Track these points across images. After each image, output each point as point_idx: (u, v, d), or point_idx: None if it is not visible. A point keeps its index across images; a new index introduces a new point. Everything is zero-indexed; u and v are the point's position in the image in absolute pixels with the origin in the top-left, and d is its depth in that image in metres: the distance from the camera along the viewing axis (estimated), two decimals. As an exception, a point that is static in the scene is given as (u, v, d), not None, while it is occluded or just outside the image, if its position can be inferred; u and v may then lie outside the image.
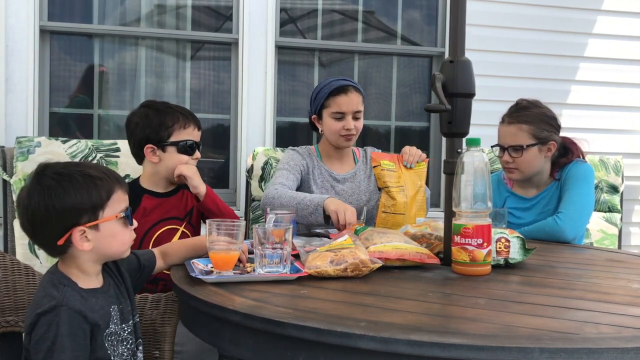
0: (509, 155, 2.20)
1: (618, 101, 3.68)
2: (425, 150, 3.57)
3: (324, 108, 2.22)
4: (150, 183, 1.95)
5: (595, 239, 2.92)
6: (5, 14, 2.84)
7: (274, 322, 1.02)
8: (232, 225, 1.40)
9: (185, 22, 3.23)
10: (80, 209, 1.22)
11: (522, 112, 2.21)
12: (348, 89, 2.19)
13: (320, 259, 1.38)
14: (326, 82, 2.24)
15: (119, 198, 1.28)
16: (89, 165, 1.30)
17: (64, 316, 1.17)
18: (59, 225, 1.21)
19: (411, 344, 0.91)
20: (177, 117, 1.91)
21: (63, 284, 1.23)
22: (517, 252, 1.56)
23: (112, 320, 1.29)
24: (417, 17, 3.55)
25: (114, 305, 1.31)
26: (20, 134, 2.82)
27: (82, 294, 1.24)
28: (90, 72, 3.13)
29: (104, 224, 1.25)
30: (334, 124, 2.20)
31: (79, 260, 1.27)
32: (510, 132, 2.20)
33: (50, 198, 1.20)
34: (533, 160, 2.19)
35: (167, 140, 1.89)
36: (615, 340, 0.93)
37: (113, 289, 1.34)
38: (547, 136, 2.18)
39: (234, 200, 3.18)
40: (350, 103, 2.18)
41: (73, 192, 1.21)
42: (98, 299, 1.27)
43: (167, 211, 1.93)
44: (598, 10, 3.64)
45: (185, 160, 1.91)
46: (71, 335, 1.17)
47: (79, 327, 1.19)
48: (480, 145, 1.49)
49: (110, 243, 1.27)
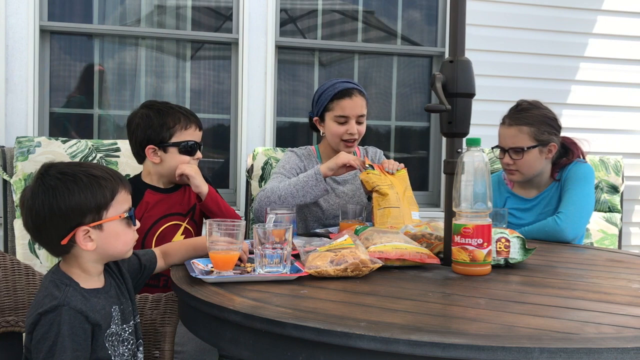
0: (510, 157, 2.19)
1: (618, 101, 3.68)
2: (425, 150, 3.58)
3: (327, 111, 2.19)
4: (151, 180, 1.96)
5: (596, 239, 2.92)
6: (6, 14, 2.84)
7: (274, 322, 1.02)
8: (232, 225, 1.40)
9: (185, 22, 3.23)
10: (84, 209, 1.23)
11: (523, 113, 2.20)
12: (352, 92, 2.15)
13: (320, 259, 1.38)
14: (330, 83, 2.20)
15: (122, 198, 1.29)
16: (93, 165, 1.30)
17: (65, 316, 1.17)
18: (63, 225, 1.22)
19: (411, 344, 0.91)
20: (179, 118, 1.91)
21: (65, 284, 1.23)
22: (517, 252, 1.56)
23: (113, 320, 1.29)
24: (417, 17, 3.55)
25: (115, 305, 1.31)
26: (20, 133, 2.82)
27: (84, 293, 1.24)
28: (90, 72, 3.13)
29: (108, 224, 1.26)
30: (337, 127, 2.17)
31: (82, 260, 1.27)
32: (511, 134, 2.19)
33: (55, 198, 1.21)
34: (534, 162, 2.19)
35: (169, 141, 1.90)
36: (616, 340, 0.93)
37: (114, 289, 1.34)
38: (548, 138, 2.18)
39: (234, 200, 3.18)
40: (355, 107, 2.15)
41: (77, 192, 1.22)
42: (99, 299, 1.27)
43: (170, 207, 1.94)
44: (598, 10, 3.64)
45: (187, 161, 1.91)
46: (72, 335, 1.17)
47: (80, 327, 1.19)
48: (480, 145, 1.48)
49: (114, 243, 1.28)
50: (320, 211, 2.23)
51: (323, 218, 2.24)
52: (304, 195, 1.98)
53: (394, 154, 3.54)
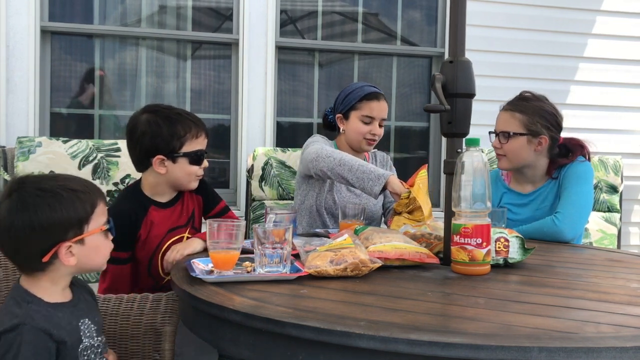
0: (499, 141, 2.22)
1: (617, 101, 3.69)
2: (425, 150, 3.58)
3: (354, 110, 2.28)
4: (153, 193, 1.86)
5: (595, 239, 2.93)
6: (6, 14, 2.84)
7: (274, 322, 1.02)
8: (232, 225, 1.40)
9: (186, 23, 3.24)
10: (66, 225, 1.20)
11: (522, 102, 2.23)
12: (380, 96, 2.30)
13: (320, 258, 1.38)
14: (358, 85, 2.33)
15: (101, 210, 1.26)
16: (68, 178, 1.27)
17: (27, 335, 1.12)
18: (45, 241, 1.18)
19: (411, 343, 0.92)
20: (189, 126, 1.79)
21: (27, 301, 1.18)
22: (516, 251, 1.56)
23: (85, 334, 1.25)
24: (417, 18, 3.56)
25: (84, 318, 1.27)
26: (21, 134, 2.82)
27: (48, 309, 1.20)
28: (90, 72, 3.13)
29: (89, 238, 1.23)
30: (362, 126, 2.26)
31: (55, 273, 1.23)
32: (504, 118, 2.23)
33: (36, 214, 1.16)
34: (519, 150, 2.20)
35: (179, 151, 1.78)
36: (615, 339, 0.93)
37: (83, 303, 1.31)
38: (539, 130, 2.18)
39: (234, 200, 3.19)
40: (381, 110, 2.28)
41: (59, 208, 1.18)
42: (65, 313, 1.23)
43: (173, 222, 1.88)
44: (597, 11, 3.64)
45: (195, 171, 1.83)
46: (35, 355, 1.12)
47: (43, 346, 1.14)
48: (480, 146, 1.49)
49: (93, 256, 1.26)
50: (333, 206, 2.27)
51: (334, 207, 2.26)
52: (355, 179, 1.96)
53: (393, 154, 3.54)
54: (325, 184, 2.26)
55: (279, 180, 2.82)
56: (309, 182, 2.28)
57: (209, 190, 1.99)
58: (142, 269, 1.84)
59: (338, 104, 2.36)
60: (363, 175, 1.95)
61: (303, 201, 2.30)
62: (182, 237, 1.88)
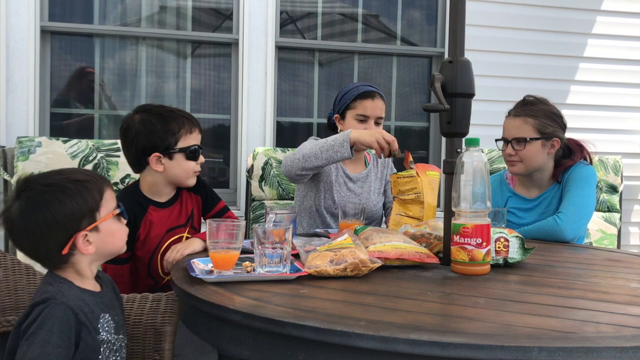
0: (512, 148, 2.21)
1: (617, 101, 3.69)
2: (425, 150, 3.58)
3: (349, 109, 2.29)
4: (152, 193, 1.87)
5: (595, 239, 2.93)
6: (6, 14, 2.84)
7: (274, 322, 1.02)
8: (232, 225, 1.40)
9: (186, 22, 3.24)
10: (78, 215, 1.24)
11: (529, 106, 2.23)
12: (374, 94, 2.29)
13: (320, 258, 1.38)
14: (353, 85, 2.33)
15: (109, 196, 1.31)
16: (71, 170, 1.31)
17: (55, 309, 1.17)
18: (61, 235, 1.23)
19: (410, 343, 0.92)
20: (182, 122, 1.81)
21: (59, 282, 1.25)
22: (516, 251, 1.56)
23: (103, 327, 1.28)
24: (417, 18, 3.56)
25: (106, 313, 1.30)
26: (21, 133, 2.83)
27: (78, 292, 1.25)
28: (91, 72, 3.13)
29: (103, 224, 1.28)
30: (357, 125, 2.26)
31: (79, 265, 1.28)
32: (515, 124, 2.21)
33: (48, 210, 1.20)
34: (535, 155, 2.20)
35: (175, 147, 1.80)
36: (615, 339, 0.93)
37: (108, 298, 1.35)
38: (552, 132, 2.19)
39: (234, 200, 3.19)
40: (375, 108, 2.27)
41: (68, 200, 1.22)
42: (90, 301, 1.27)
43: (172, 222, 1.89)
44: (597, 11, 3.64)
45: (192, 167, 1.84)
46: (59, 330, 1.16)
47: (68, 323, 1.18)
48: (479, 145, 1.49)
49: (111, 241, 1.31)
50: (333, 205, 2.27)
51: (333, 207, 2.26)
52: (327, 158, 1.99)
53: (393, 154, 3.54)
54: (324, 184, 2.26)
55: (278, 180, 2.82)
56: (308, 182, 2.28)
57: (208, 191, 2.00)
58: (142, 268, 1.85)
59: (335, 104, 2.37)
60: (329, 152, 1.98)
61: (303, 201, 2.30)
62: (182, 236, 1.89)
